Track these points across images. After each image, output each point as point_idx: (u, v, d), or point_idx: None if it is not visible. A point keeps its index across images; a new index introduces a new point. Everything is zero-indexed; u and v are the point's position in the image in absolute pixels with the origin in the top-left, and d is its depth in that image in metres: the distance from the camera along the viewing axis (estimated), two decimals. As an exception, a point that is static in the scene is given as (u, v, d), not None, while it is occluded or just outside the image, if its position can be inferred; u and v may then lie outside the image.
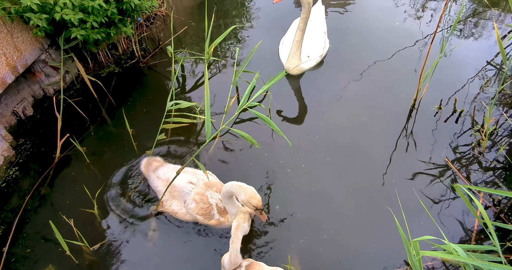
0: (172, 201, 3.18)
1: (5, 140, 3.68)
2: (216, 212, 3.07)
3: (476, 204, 2.58)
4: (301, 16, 4.36)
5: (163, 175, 3.28)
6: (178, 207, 3.15)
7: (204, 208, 3.05)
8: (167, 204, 3.19)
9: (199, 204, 3.04)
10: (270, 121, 2.59)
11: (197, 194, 3.07)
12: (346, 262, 3.00)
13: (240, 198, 2.81)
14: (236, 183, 2.84)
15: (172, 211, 3.18)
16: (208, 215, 3.06)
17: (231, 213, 3.03)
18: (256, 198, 2.80)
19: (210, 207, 3.06)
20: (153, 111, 4.30)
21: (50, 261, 3.04)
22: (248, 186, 2.83)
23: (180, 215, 3.15)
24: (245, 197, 2.77)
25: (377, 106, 4.31)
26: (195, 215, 3.07)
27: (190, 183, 3.14)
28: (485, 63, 4.86)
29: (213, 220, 3.08)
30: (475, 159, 3.72)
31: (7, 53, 3.59)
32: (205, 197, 3.07)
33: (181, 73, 4.87)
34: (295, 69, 4.63)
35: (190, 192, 3.08)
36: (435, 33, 3.77)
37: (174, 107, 3.17)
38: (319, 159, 3.74)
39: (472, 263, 2.11)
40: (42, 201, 3.46)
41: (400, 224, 2.69)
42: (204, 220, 3.09)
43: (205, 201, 3.06)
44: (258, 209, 2.84)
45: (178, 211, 3.15)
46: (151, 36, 5.46)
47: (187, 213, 3.12)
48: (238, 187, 2.79)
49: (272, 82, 2.58)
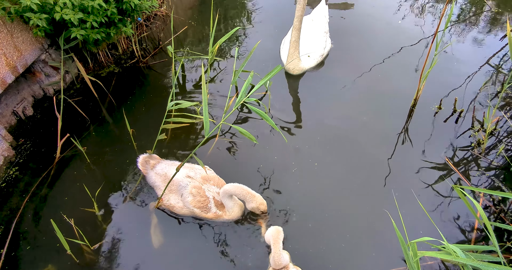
0: (169, 195, 3.21)
1: (5, 140, 3.68)
2: (214, 206, 3.11)
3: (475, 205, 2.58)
4: (295, 14, 4.35)
5: (161, 171, 3.30)
6: (175, 201, 3.18)
7: (201, 201, 3.08)
8: (165, 199, 3.22)
9: (196, 197, 3.07)
10: (266, 116, 2.62)
11: (194, 187, 3.10)
12: (346, 262, 3.00)
13: (250, 206, 3.00)
14: (243, 187, 2.97)
15: (169, 205, 3.20)
16: (205, 208, 3.10)
17: (228, 207, 3.10)
18: (264, 204, 3.02)
19: (207, 200, 3.10)
20: (153, 111, 4.30)
21: (49, 260, 3.05)
22: (256, 193, 3.00)
23: (177, 208, 3.18)
24: (255, 205, 2.99)
25: (377, 106, 4.31)
26: (192, 208, 3.10)
27: (188, 177, 3.18)
28: (485, 63, 4.85)
29: (210, 213, 3.12)
30: (475, 159, 3.72)
31: (7, 53, 3.59)
32: (202, 191, 3.10)
33: (182, 73, 4.87)
34: (295, 69, 4.62)
35: (187, 186, 3.12)
36: (435, 33, 3.76)
37: (174, 107, 3.18)
38: (319, 159, 3.74)
39: (470, 264, 2.11)
40: (42, 201, 3.47)
41: (398, 225, 2.70)
42: (201, 213, 3.12)
43: (202, 194, 3.09)
44: (263, 213, 3.09)
45: (175, 204, 3.17)
46: (151, 36, 5.46)
47: (184, 206, 3.14)
48: (247, 194, 2.96)
49: (269, 76, 2.63)
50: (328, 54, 5.03)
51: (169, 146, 3.91)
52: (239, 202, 3.17)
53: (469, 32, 5.47)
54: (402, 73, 4.73)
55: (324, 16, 5.01)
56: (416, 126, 4.08)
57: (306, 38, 4.77)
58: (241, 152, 3.84)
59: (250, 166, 3.69)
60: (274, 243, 2.76)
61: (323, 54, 4.87)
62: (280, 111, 4.28)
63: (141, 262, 3.03)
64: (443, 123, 4.10)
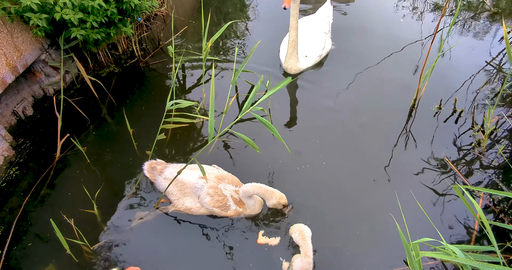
0: (184, 199, 3.22)
1: (5, 140, 3.69)
2: (233, 203, 3.15)
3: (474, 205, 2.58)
4: (291, 13, 4.34)
5: (170, 175, 3.29)
6: (191, 203, 3.19)
7: (219, 200, 3.11)
8: (180, 203, 3.22)
9: (214, 197, 3.10)
10: (272, 127, 2.63)
11: (211, 187, 3.12)
12: (346, 262, 3.01)
13: (270, 203, 3.02)
14: (261, 186, 2.99)
15: (186, 208, 3.22)
16: (224, 206, 3.13)
17: (249, 205, 3.16)
18: (284, 198, 3.02)
19: (225, 198, 3.13)
20: (153, 110, 4.30)
21: (50, 261, 3.05)
22: (274, 189, 3.01)
23: (195, 209, 3.20)
24: (276, 200, 2.99)
25: (377, 106, 4.31)
26: (211, 208, 3.13)
27: (201, 178, 3.19)
28: (484, 63, 4.85)
29: (231, 211, 3.15)
30: (475, 159, 3.72)
31: (7, 53, 3.60)
32: (219, 190, 3.13)
33: (182, 73, 4.88)
34: (293, 69, 4.63)
35: (203, 187, 3.14)
36: (435, 33, 3.77)
37: (174, 107, 3.18)
38: (318, 159, 3.74)
39: (470, 264, 2.11)
40: (42, 201, 3.47)
41: (400, 225, 2.70)
42: (221, 212, 3.16)
43: (219, 194, 3.12)
44: (285, 206, 3.07)
45: (192, 206, 3.19)
46: (151, 36, 5.46)
47: (202, 207, 3.17)
48: (266, 192, 2.98)
49: (277, 88, 2.62)
50: (328, 54, 5.03)
51: (169, 146, 3.91)
52: (259, 198, 3.22)
53: (469, 32, 5.46)
54: (402, 73, 4.73)
55: (327, 16, 5.00)
56: (416, 126, 4.08)
57: (305, 38, 4.77)
58: (240, 151, 3.84)
59: (250, 164, 3.69)
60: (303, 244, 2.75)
61: (321, 55, 4.87)
62: (279, 112, 4.28)
63: (141, 262, 3.03)
64: (443, 123, 4.10)
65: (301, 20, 5.09)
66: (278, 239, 3.08)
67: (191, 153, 3.84)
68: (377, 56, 4.98)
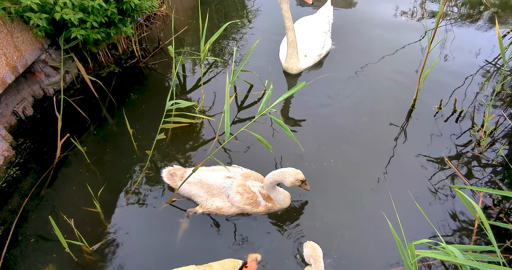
0: (213, 200, 3.23)
1: (5, 140, 3.69)
2: (262, 199, 3.19)
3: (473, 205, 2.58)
4: (283, 15, 4.41)
5: (193, 179, 3.28)
6: (221, 203, 3.22)
7: (250, 198, 3.15)
8: (208, 204, 3.24)
9: (244, 195, 3.15)
10: (286, 127, 2.69)
11: (239, 186, 3.16)
12: (346, 262, 3.01)
13: (288, 181, 3.02)
14: (274, 172, 3.03)
15: (216, 208, 3.23)
16: (255, 203, 3.18)
17: (278, 200, 3.21)
18: (300, 173, 3.06)
19: (254, 195, 3.17)
20: (153, 110, 4.31)
21: (50, 260, 3.05)
22: (286, 168, 3.04)
23: (225, 209, 3.22)
24: (292, 178, 3.01)
25: (377, 106, 4.31)
26: (243, 206, 3.17)
27: (228, 177, 3.22)
28: (484, 63, 4.85)
29: (261, 207, 3.20)
30: (475, 158, 3.72)
31: (7, 53, 3.60)
32: (248, 187, 3.18)
33: (182, 73, 4.88)
34: (293, 69, 4.65)
35: (231, 186, 3.17)
36: (434, 33, 3.76)
37: (173, 106, 3.18)
38: (318, 158, 3.74)
39: (469, 264, 2.11)
40: (42, 201, 3.47)
41: (397, 226, 2.70)
42: (252, 209, 3.20)
43: (248, 191, 3.16)
44: (303, 182, 3.09)
45: (223, 206, 3.21)
46: (151, 36, 5.47)
47: (233, 206, 3.20)
48: (280, 174, 3.01)
49: (293, 91, 2.69)
50: (328, 54, 5.03)
51: (169, 146, 3.92)
52: (285, 192, 3.27)
53: (469, 32, 5.46)
54: (402, 73, 4.73)
55: (327, 16, 5.00)
56: (416, 126, 4.08)
57: (305, 38, 4.78)
58: (241, 150, 3.84)
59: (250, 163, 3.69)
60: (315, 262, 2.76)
61: (321, 54, 4.87)
62: (279, 112, 4.28)
63: (141, 262, 3.04)
64: (443, 123, 4.10)
65: (301, 20, 5.10)
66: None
67: (191, 153, 3.84)
68: (377, 56, 4.98)
